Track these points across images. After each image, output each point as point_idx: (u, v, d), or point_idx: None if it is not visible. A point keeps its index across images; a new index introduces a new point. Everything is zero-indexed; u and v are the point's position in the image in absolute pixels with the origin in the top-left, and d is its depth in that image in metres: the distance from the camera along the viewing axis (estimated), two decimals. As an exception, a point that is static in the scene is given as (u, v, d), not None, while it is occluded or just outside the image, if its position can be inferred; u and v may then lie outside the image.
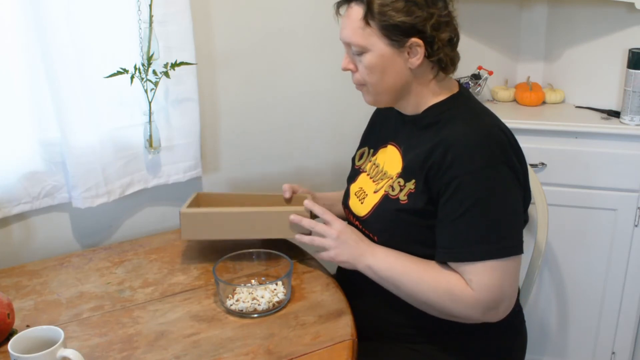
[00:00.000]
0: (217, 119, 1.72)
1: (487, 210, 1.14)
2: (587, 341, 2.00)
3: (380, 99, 1.28)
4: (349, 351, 1.13)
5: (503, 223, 1.16)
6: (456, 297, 1.16)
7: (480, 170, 1.14)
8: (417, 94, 1.25)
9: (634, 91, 1.80)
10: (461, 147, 1.15)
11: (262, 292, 1.25)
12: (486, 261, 1.13)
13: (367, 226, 1.30)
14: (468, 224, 1.14)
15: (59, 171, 1.50)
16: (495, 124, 1.22)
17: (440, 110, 1.24)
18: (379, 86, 1.24)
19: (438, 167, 1.16)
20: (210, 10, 1.62)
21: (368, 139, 1.47)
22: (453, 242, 1.16)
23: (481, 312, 1.16)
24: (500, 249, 1.14)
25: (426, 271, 1.19)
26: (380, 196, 1.28)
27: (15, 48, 1.37)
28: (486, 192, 1.14)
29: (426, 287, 1.19)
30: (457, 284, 1.16)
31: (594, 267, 1.92)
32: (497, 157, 1.15)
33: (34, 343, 1.02)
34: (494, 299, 1.15)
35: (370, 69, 1.21)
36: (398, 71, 1.21)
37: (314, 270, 1.41)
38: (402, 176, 1.25)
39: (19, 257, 1.51)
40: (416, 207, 1.20)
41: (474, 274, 1.14)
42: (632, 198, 1.83)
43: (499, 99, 2.13)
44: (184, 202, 1.49)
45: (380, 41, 1.19)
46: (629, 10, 1.85)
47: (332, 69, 1.85)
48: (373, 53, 1.20)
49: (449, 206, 1.16)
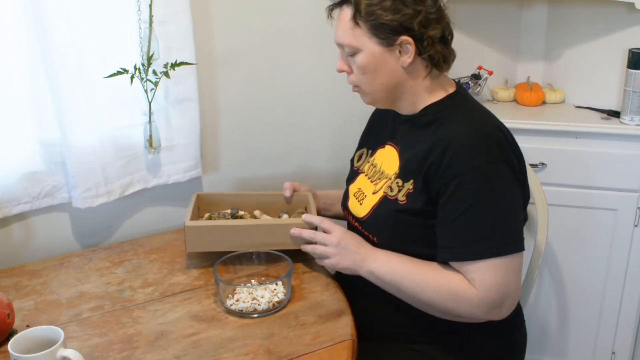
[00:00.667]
0: (217, 119, 1.72)
1: (487, 208, 1.14)
2: (587, 341, 2.00)
3: (376, 99, 1.28)
4: (349, 351, 1.13)
5: (503, 221, 1.16)
6: (460, 297, 1.16)
7: (479, 169, 1.14)
8: (412, 93, 1.25)
9: (634, 91, 1.80)
10: (459, 147, 1.15)
11: (262, 292, 1.25)
12: (488, 259, 1.13)
13: (366, 227, 1.30)
14: (469, 222, 1.14)
15: (59, 171, 1.50)
16: (493, 122, 1.22)
17: (438, 110, 1.24)
18: (372, 86, 1.24)
19: (437, 166, 1.16)
20: (210, 10, 1.62)
21: (366, 140, 1.47)
22: (454, 242, 1.16)
23: (485, 311, 1.16)
24: (502, 247, 1.14)
25: (428, 273, 1.19)
26: (379, 197, 1.28)
27: (15, 48, 1.37)
28: (486, 190, 1.14)
29: (429, 289, 1.19)
30: (460, 283, 1.16)
31: (594, 267, 1.92)
32: (495, 156, 1.15)
33: (34, 343, 1.02)
34: (497, 297, 1.15)
35: (363, 69, 1.22)
36: (390, 70, 1.21)
37: (314, 271, 1.41)
38: (400, 176, 1.25)
39: (19, 257, 1.51)
40: (415, 208, 1.20)
41: (477, 273, 1.14)
42: (632, 198, 1.83)
43: (499, 99, 2.13)
44: (184, 202, 1.49)
45: (370, 41, 1.19)
46: (629, 10, 1.85)
47: (332, 69, 1.84)
48: (364, 53, 1.20)
49: (449, 206, 1.16)
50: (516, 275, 1.17)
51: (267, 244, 1.39)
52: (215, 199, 1.56)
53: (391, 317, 1.28)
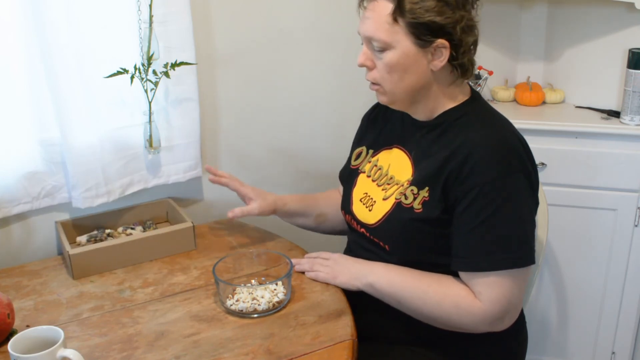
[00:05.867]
0: (217, 119, 1.72)
1: (505, 220, 1.14)
2: (587, 341, 2.00)
3: (396, 99, 1.24)
4: (349, 351, 1.12)
5: (520, 233, 1.16)
6: (463, 310, 1.16)
7: (498, 180, 1.13)
8: (434, 98, 1.22)
9: (634, 91, 1.80)
10: (480, 157, 1.14)
11: (262, 292, 1.25)
12: (501, 271, 1.13)
13: (376, 234, 1.28)
14: (486, 233, 1.14)
15: (59, 171, 1.50)
16: (510, 129, 1.21)
17: (455, 117, 1.22)
18: (397, 86, 1.20)
19: (456, 175, 1.15)
20: (210, 10, 1.62)
21: (364, 138, 1.43)
22: (470, 252, 1.15)
23: (488, 324, 1.16)
24: (517, 259, 1.14)
25: (430, 285, 1.19)
26: (392, 204, 1.25)
27: (15, 48, 1.37)
28: (504, 201, 1.13)
29: (430, 302, 1.18)
30: (465, 296, 1.16)
31: (594, 267, 1.92)
32: (514, 166, 1.15)
33: (34, 343, 1.02)
34: (501, 311, 1.15)
35: (391, 67, 1.17)
36: (419, 72, 1.18)
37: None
38: (414, 184, 1.22)
39: (19, 257, 1.51)
40: (432, 216, 1.18)
41: (485, 286, 1.14)
42: (632, 198, 1.83)
43: (499, 99, 2.13)
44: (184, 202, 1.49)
45: (406, 39, 1.15)
46: (629, 10, 1.85)
47: (332, 69, 1.86)
48: (396, 51, 1.16)
49: (466, 215, 1.15)
50: (521, 289, 1.17)
51: (154, 253, 1.46)
52: (77, 222, 1.56)
53: (391, 320, 1.28)
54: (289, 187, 1.88)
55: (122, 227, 1.57)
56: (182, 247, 1.49)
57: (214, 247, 1.52)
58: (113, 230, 1.56)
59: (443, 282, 1.19)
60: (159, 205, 1.65)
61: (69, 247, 1.41)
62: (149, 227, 1.58)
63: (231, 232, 1.60)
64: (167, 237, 1.48)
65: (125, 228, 1.57)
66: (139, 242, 1.45)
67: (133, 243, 1.44)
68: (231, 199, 1.55)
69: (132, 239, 1.45)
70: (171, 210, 1.62)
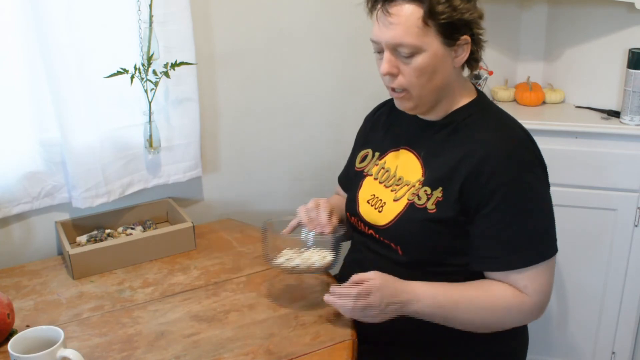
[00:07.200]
0: (217, 119, 1.72)
1: (532, 215, 1.16)
2: (587, 341, 2.00)
3: (421, 103, 1.21)
4: (349, 351, 1.13)
5: (547, 225, 1.19)
6: (515, 309, 1.17)
7: (521, 177, 1.15)
8: (452, 96, 1.23)
9: (634, 91, 1.80)
10: (497, 157, 1.15)
11: (309, 254, 1.24)
12: (538, 264, 1.15)
13: (387, 236, 1.26)
14: (518, 230, 1.15)
15: (59, 171, 1.50)
16: (519, 126, 1.24)
17: (464, 116, 1.23)
18: (425, 88, 1.18)
19: (476, 176, 1.15)
20: (210, 10, 1.62)
21: (369, 140, 1.41)
22: (502, 251, 1.16)
23: (537, 315, 1.19)
24: (547, 250, 1.17)
25: (478, 296, 1.17)
26: (405, 205, 1.24)
27: (15, 48, 1.37)
28: (528, 198, 1.16)
29: (483, 312, 1.17)
30: (512, 295, 1.16)
31: (594, 267, 1.92)
32: (531, 161, 1.18)
33: (34, 343, 1.02)
34: (546, 299, 1.18)
35: (421, 70, 1.15)
36: (446, 71, 1.18)
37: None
38: (427, 184, 1.22)
39: (19, 257, 1.51)
40: (446, 217, 1.18)
41: (529, 279, 1.15)
42: (632, 198, 1.83)
43: (499, 99, 2.13)
44: (184, 202, 1.49)
45: (435, 40, 1.14)
46: (629, 10, 1.85)
47: (332, 69, 1.86)
48: (427, 53, 1.14)
49: (494, 216, 1.15)
50: (553, 274, 1.20)
51: (155, 253, 1.47)
52: (77, 222, 1.56)
53: (392, 322, 1.26)
54: (289, 187, 1.88)
55: (122, 227, 1.57)
56: (182, 247, 1.50)
57: (214, 247, 1.53)
58: (113, 230, 1.56)
59: (485, 288, 1.18)
60: (159, 205, 1.65)
61: (69, 247, 1.41)
62: (149, 227, 1.58)
63: (231, 232, 1.60)
64: (167, 237, 1.48)
65: (125, 228, 1.57)
66: (139, 242, 1.45)
67: (133, 243, 1.44)
68: (231, 199, 1.55)
69: (132, 239, 1.45)
70: (171, 210, 1.62)
